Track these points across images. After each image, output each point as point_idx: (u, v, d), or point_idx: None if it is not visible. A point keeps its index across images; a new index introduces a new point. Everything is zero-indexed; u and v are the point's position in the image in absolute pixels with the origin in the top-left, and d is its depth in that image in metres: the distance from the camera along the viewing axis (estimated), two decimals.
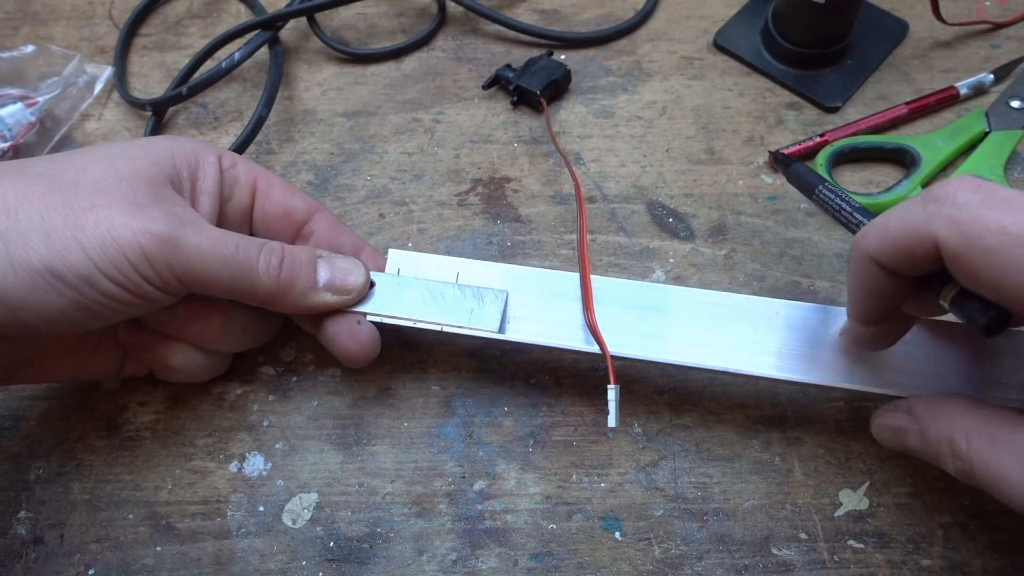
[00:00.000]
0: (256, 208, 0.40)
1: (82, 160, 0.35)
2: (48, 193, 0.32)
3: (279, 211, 0.40)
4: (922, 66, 0.52)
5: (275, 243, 0.37)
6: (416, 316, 0.39)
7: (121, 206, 0.33)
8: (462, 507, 0.39)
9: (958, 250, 0.26)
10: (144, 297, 0.33)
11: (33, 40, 0.57)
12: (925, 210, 0.27)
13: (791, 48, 0.51)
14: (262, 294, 0.36)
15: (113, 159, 0.35)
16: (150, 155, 0.36)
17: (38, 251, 0.31)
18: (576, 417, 0.41)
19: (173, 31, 0.58)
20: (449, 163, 0.50)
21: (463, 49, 0.55)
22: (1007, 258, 0.25)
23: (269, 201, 0.40)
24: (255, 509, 0.40)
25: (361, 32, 0.57)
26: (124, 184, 0.34)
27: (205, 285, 0.35)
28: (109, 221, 0.32)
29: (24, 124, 0.52)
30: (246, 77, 0.55)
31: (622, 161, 0.49)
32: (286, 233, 0.41)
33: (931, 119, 0.50)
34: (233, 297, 0.36)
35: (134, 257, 0.32)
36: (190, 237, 0.34)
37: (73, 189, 0.33)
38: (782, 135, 0.50)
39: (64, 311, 0.32)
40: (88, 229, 0.32)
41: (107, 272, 0.32)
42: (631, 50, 0.54)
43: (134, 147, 0.36)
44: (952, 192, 0.27)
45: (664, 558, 0.37)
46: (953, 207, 0.26)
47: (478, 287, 0.39)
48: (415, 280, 0.40)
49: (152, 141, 0.37)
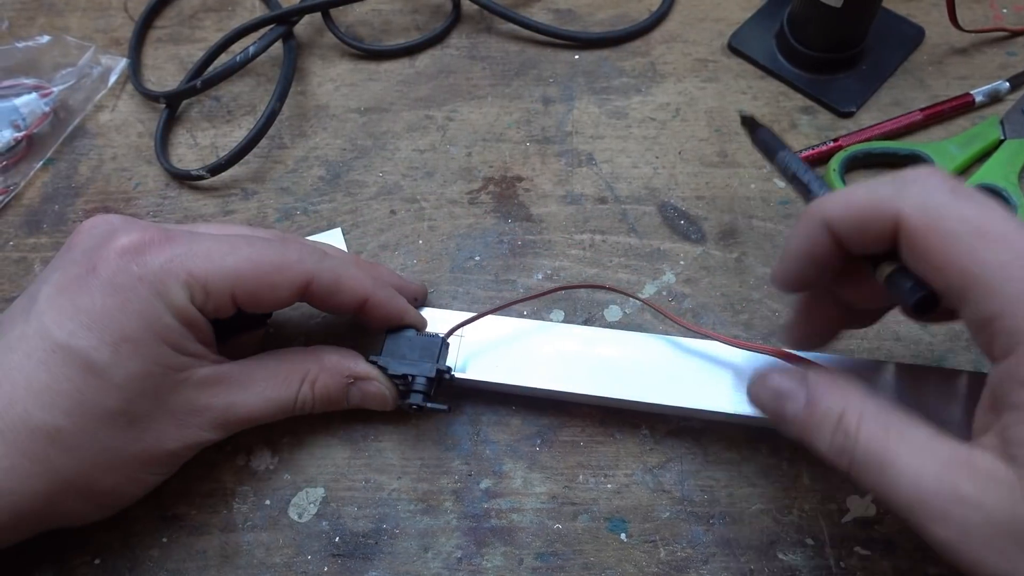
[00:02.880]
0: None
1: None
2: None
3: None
4: (937, 72, 0.52)
5: (307, 391, 0.38)
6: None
7: (166, 425, 0.35)
8: (468, 505, 0.39)
9: (918, 228, 0.26)
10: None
11: (48, 30, 0.57)
12: (895, 187, 0.28)
13: (806, 52, 0.50)
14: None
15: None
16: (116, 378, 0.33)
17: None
18: (583, 418, 0.41)
19: (188, 24, 0.58)
20: (461, 161, 0.50)
21: (477, 47, 0.55)
22: (963, 244, 0.25)
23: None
24: (261, 503, 0.40)
25: (375, 28, 0.57)
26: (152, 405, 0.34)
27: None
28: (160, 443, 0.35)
29: (38, 114, 0.52)
30: (260, 71, 0.55)
31: (634, 162, 0.49)
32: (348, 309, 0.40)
33: (946, 126, 0.49)
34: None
35: (199, 446, 0.36)
36: (237, 411, 0.36)
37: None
38: (795, 139, 0.49)
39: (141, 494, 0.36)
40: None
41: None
42: (645, 51, 0.54)
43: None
44: (925, 176, 0.27)
45: (670, 560, 0.37)
46: (923, 190, 0.27)
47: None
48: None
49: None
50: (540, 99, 0.53)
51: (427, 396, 0.39)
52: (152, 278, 0.33)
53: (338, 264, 0.38)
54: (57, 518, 0.33)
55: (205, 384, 0.35)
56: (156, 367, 0.33)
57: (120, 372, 0.32)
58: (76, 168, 0.52)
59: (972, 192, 0.27)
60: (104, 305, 0.32)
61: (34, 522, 0.32)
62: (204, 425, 0.35)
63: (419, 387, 0.38)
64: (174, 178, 0.51)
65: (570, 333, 0.41)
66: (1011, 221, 0.26)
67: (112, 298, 0.32)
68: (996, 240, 0.25)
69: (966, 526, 0.24)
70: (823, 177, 0.47)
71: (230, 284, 0.34)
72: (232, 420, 0.36)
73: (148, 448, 0.34)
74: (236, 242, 0.35)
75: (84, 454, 0.32)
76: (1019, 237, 0.25)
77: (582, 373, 0.40)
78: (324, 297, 0.37)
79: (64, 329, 0.32)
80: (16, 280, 0.48)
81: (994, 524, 0.24)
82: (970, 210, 0.26)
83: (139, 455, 0.33)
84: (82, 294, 0.32)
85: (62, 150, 0.53)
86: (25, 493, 0.31)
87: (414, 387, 0.39)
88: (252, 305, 0.36)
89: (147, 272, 0.33)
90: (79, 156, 0.52)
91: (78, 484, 0.32)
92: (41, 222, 0.50)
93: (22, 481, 0.30)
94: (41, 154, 0.52)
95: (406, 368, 0.39)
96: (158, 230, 0.35)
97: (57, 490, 0.31)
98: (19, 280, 0.47)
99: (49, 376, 0.31)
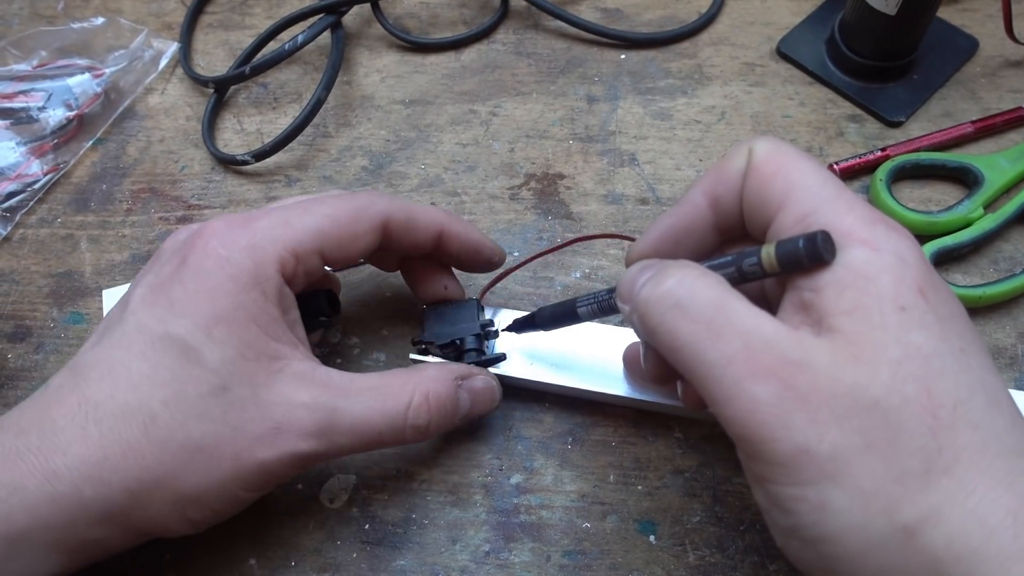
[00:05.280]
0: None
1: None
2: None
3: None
4: (990, 85, 0.51)
5: (421, 401, 0.35)
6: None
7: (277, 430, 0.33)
8: (498, 499, 0.39)
9: (760, 164, 0.29)
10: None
11: (103, 13, 0.58)
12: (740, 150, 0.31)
13: (857, 59, 0.50)
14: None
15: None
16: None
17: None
18: (616, 418, 0.41)
19: (239, 11, 0.59)
20: (503, 156, 0.50)
21: (523, 43, 0.55)
22: (792, 165, 0.29)
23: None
24: (293, 486, 0.40)
25: (423, 21, 0.57)
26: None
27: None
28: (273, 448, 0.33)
29: (90, 94, 0.53)
30: (307, 60, 0.56)
31: (677, 164, 0.49)
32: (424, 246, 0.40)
33: (996, 139, 0.49)
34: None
35: (296, 462, 0.34)
36: (340, 418, 0.34)
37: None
38: (842, 147, 0.49)
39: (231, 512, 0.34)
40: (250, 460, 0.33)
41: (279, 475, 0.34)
42: (693, 53, 0.54)
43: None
44: (764, 139, 0.31)
45: (698, 565, 0.37)
46: (766, 141, 0.30)
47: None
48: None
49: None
50: (585, 97, 0.52)
51: (480, 352, 0.40)
52: (239, 256, 0.33)
53: (409, 201, 0.38)
54: (145, 523, 0.32)
55: (302, 380, 0.33)
56: (249, 351, 0.33)
57: (215, 355, 0.32)
58: (124, 149, 0.53)
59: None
60: (196, 290, 0.33)
61: (123, 521, 0.31)
62: (301, 432, 0.33)
63: (470, 346, 0.40)
64: (220, 162, 0.52)
65: (605, 334, 0.41)
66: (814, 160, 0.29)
67: (202, 282, 0.33)
68: (810, 168, 0.28)
69: (789, 384, 0.25)
70: (869, 186, 0.47)
71: (317, 242, 0.35)
72: (334, 429, 0.33)
73: (239, 452, 0.32)
74: (309, 204, 0.36)
75: (175, 448, 0.31)
76: (819, 167, 0.29)
77: (616, 374, 0.40)
78: (403, 233, 0.37)
79: (161, 320, 0.32)
80: (63, 256, 0.48)
81: (814, 388, 0.25)
82: (791, 150, 0.29)
83: (229, 458, 0.32)
84: (174, 286, 0.33)
85: (111, 131, 0.54)
86: (114, 485, 0.31)
87: (465, 347, 0.40)
88: (340, 257, 0.36)
89: (233, 251, 0.33)
90: (128, 137, 0.53)
91: (165, 483, 0.31)
92: (89, 200, 0.51)
93: (113, 472, 0.31)
94: (91, 134, 0.53)
95: (452, 333, 0.40)
96: (239, 215, 0.35)
97: (145, 488, 0.31)
98: (65, 257, 0.48)
99: (149, 366, 0.32)
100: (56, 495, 0.30)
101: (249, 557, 0.38)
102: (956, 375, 0.25)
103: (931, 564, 0.24)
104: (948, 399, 0.24)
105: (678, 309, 0.27)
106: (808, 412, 0.24)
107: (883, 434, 0.24)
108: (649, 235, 0.33)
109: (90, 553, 0.32)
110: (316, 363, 0.35)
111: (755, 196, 0.29)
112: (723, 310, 0.26)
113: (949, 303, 0.26)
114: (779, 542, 0.27)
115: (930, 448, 0.24)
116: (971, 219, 0.44)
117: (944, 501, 0.24)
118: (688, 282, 0.27)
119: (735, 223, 0.31)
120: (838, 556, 0.25)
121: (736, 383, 0.25)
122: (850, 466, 0.24)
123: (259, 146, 0.50)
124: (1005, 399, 0.26)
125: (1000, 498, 0.23)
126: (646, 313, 0.28)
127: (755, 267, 0.28)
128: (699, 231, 0.32)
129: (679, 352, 0.27)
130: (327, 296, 0.40)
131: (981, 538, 0.23)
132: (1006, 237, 0.45)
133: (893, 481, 0.24)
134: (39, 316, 0.46)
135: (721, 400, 0.26)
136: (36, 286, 0.48)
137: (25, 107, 0.53)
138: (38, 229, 0.50)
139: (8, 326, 0.46)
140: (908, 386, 0.24)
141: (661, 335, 0.28)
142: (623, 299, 0.31)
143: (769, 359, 0.25)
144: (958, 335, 0.26)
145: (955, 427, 0.24)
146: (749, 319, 0.26)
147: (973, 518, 0.23)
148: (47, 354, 0.45)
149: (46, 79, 0.54)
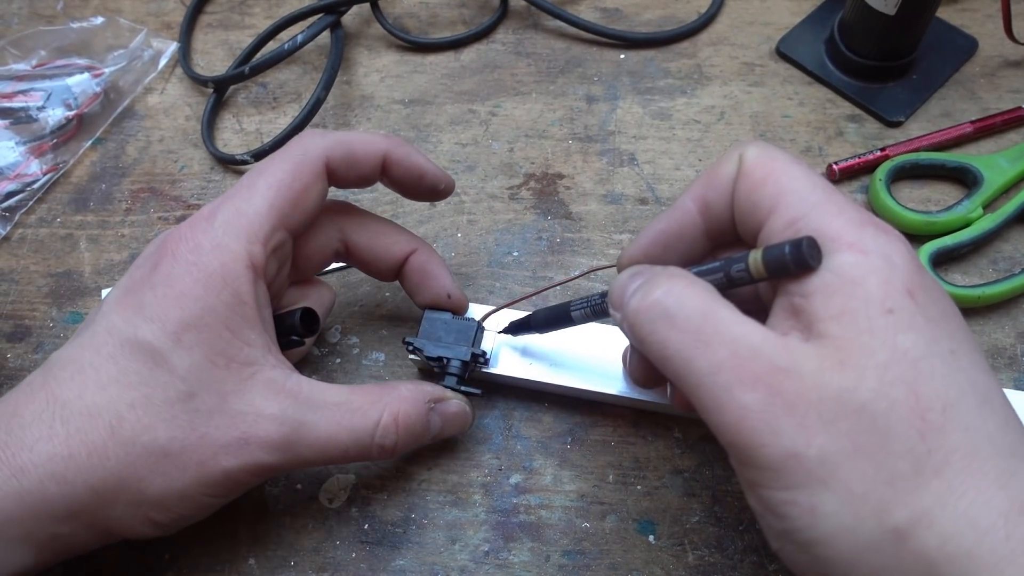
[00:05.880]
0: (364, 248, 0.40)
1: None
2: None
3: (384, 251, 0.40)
4: (989, 85, 0.51)
5: (389, 421, 0.35)
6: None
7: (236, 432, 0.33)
8: (497, 499, 0.39)
9: (751, 168, 0.29)
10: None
11: (102, 12, 0.58)
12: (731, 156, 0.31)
13: (856, 59, 0.50)
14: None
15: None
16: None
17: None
18: (615, 418, 0.41)
19: (238, 10, 0.59)
20: (503, 156, 0.50)
21: (523, 43, 0.55)
22: (781, 170, 0.29)
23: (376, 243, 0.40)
24: (293, 486, 0.40)
25: (422, 21, 0.57)
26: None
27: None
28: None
29: (89, 94, 0.53)
30: (307, 60, 0.56)
31: (676, 164, 0.49)
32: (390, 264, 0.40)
33: (996, 139, 0.49)
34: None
35: (260, 472, 0.33)
36: (305, 434, 0.33)
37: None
38: (841, 147, 0.49)
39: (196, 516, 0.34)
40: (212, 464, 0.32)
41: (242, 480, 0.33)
42: (692, 53, 0.54)
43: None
44: (753, 143, 0.31)
45: (698, 565, 0.37)
46: (756, 145, 0.30)
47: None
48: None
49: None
50: (584, 97, 0.52)
51: (461, 379, 0.39)
52: (206, 259, 0.33)
53: (347, 132, 0.38)
54: (110, 523, 0.32)
55: (271, 389, 0.33)
56: (220, 358, 0.32)
57: (184, 362, 0.32)
58: (124, 149, 0.53)
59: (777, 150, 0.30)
60: (165, 295, 0.32)
61: (89, 520, 0.31)
62: (266, 444, 0.32)
63: (454, 370, 0.39)
64: (219, 162, 0.52)
65: (604, 333, 0.41)
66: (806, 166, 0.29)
67: (171, 287, 0.33)
68: (800, 172, 0.29)
69: (776, 390, 0.25)
70: (868, 187, 0.47)
71: (273, 217, 0.34)
72: (300, 443, 0.33)
73: (204, 459, 0.32)
74: (252, 180, 0.35)
75: (140, 451, 0.31)
76: (809, 171, 0.29)
77: (615, 374, 0.40)
78: (346, 168, 0.37)
79: (131, 324, 0.32)
80: (62, 256, 0.48)
81: (801, 394, 0.25)
82: (781, 155, 0.29)
83: (193, 465, 0.32)
84: (145, 292, 0.33)
85: (111, 130, 0.54)
86: (79, 484, 0.31)
87: (449, 369, 0.39)
88: (303, 217, 0.36)
89: (200, 255, 0.33)
90: (127, 137, 0.53)
91: (129, 485, 0.31)
92: (88, 200, 0.51)
93: (78, 472, 0.31)
94: (90, 133, 0.53)
95: (442, 351, 0.39)
96: (203, 212, 0.35)
97: (109, 488, 0.31)
98: (65, 256, 0.48)
99: (117, 369, 0.32)
100: (22, 491, 0.30)
101: (248, 557, 0.38)
102: (945, 377, 0.25)
103: (925, 566, 0.24)
104: (937, 401, 0.24)
105: (667, 319, 0.27)
106: (796, 417, 0.25)
107: (871, 438, 0.24)
108: (640, 241, 0.33)
109: (60, 549, 0.32)
110: (288, 369, 0.34)
111: (745, 201, 0.29)
112: (710, 319, 0.26)
113: (940, 304, 0.26)
114: (774, 546, 0.28)
115: (919, 451, 0.24)
116: (970, 219, 0.44)
117: (935, 503, 0.24)
118: (676, 291, 0.27)
119: (727, 228, 0.31)
120: (831, 559, 0.25)
121: (725, 391, 0.26)
122: (839, 470, 0.24)
123: (258, 146, 0.50)
124: (998, 399, 0.26)
125: (992, 499, 0.24)
126: (636, 323, 0.28)
127: (743, 273, 0.28)
128: (689, 236, 0.32)
129: (669, 361, 0.27)
130: (302, 314, 0.37)
131: (974, 539, 0.23)
132: (1005, 237, 0.45)
133: (883, 484, 0.24)
134: (38, 316, 0.47)
135: (711, 408, 0.26)
136: (35, 286, 0.48)
137: (24, 107, 0.53)
138: (37, 229, 0.50)
139: (7, 326, 0.46)
140: (895, 389, 0.24)
141: (651, 344, 0.28)
142: (614, 306, 0.31)
143: (756, 366, 0.25)
144: (949, 336, 0.26)
145: (944, 429, 0.24)
146: (736, 327, 0.26)
147: (965, 520, 0.23)
148: (46, 354, 0.45)
149: (45, 79, 0.54)
